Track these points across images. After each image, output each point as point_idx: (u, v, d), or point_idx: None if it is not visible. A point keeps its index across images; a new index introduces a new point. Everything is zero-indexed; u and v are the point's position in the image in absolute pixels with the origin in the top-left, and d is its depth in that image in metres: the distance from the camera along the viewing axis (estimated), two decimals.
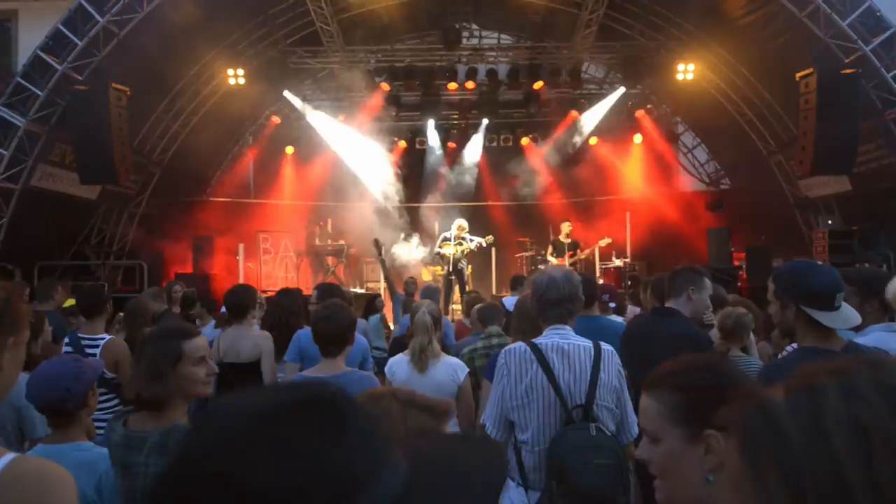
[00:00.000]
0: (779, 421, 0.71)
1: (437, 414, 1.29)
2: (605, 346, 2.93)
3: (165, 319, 6.55)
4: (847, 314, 2.58)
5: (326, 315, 3.43)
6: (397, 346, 5.36)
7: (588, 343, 2.91)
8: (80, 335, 4.52)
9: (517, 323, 3.94)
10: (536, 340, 2.94)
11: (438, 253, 12.49)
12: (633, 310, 6.79)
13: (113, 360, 4.31)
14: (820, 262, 2.90)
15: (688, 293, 3.56)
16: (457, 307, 11.75)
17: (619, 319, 5.22)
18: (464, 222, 12.65)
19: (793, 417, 0.71)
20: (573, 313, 3.02)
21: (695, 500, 1.35)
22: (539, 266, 11.98)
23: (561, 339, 2.91)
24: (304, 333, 4.32)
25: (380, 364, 5.01)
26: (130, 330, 5.21)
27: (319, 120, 15.01)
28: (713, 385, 1.38)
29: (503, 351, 2.98)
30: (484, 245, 12.59)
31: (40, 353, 3.79)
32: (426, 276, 12.95)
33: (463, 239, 12.42)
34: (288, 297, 5.28)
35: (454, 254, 12.22)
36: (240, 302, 4.81)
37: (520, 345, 2.94)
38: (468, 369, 4.01)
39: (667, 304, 3.64)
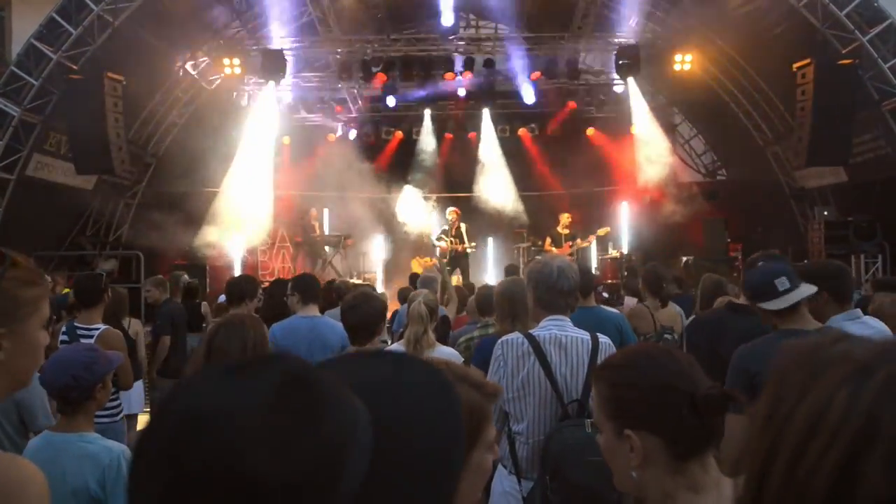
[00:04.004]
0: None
1: (486, 392, 1.32)
2: (602, 338, 2.91)
3: (169, 308, 6.76)
4: (791, 294, 2.69)
5: (352, 305, 3.49)
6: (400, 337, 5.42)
7: (586, 335, 2.88)
8: (75, 324, 4.51)
9: (499, 310, 3.87)
10: (534, 332, 2.90)
11: (434, 245, 12.57)
12: (629, 301, 6.79)
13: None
14: (760, 263, 2.90)
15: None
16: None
17: (615, 311, 5.22)
18: (456, 209, 12.78)
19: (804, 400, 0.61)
20: (574, 305, 3.02)
21: (629, 488, 1.41)
22: (536, 256, 12.00)
23: (559, 331, 2.87)
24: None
25: None
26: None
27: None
28: (636, 384, 1.40)
29: (500, 342, 2.93)
30: (469, 251, 12.77)
31: None
32: (415, 267, 12.92)
33: (462, 234, 12.53)
34: (282, 288, 5.30)
35: (451, 246, 12.31)
36: (239, 290, 4.82)
37: (517, 336, 2.90)
38: (462, 359, 4.01)
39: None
